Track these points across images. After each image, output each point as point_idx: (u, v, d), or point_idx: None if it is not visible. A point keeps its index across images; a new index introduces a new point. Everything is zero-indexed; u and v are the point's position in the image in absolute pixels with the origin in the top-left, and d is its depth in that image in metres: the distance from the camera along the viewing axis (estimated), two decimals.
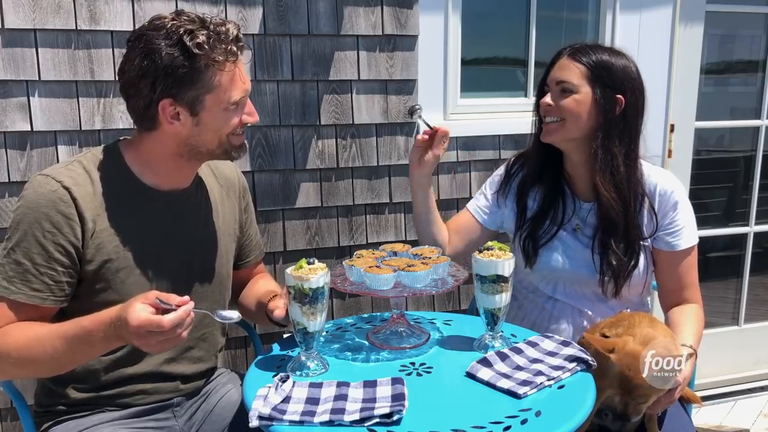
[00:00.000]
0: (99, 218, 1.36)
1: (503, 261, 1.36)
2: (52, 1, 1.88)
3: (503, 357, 1.35)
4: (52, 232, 1.30)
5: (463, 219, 1.87)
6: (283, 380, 1.23)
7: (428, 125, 1.68)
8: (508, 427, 1.11)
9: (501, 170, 1.88)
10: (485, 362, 1.32)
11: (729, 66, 3.08)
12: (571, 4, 2.65)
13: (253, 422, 1.12)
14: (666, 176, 1.70)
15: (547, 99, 1.66)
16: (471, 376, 1.29)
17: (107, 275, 1.37)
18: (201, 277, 1.51)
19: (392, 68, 2.27)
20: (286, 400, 1.19)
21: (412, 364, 1.38)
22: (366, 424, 1.11)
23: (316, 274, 1.26)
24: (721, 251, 3.26)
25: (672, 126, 2.75)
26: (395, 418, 1.12)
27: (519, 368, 1.32)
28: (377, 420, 1.11)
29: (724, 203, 3.30)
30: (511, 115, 2.51)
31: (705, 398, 2.92)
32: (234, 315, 1.30)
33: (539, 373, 1.28)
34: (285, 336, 1.52)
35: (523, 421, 1.13)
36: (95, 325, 1.22)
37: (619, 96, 1.61)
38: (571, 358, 1.34)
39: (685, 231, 1.66)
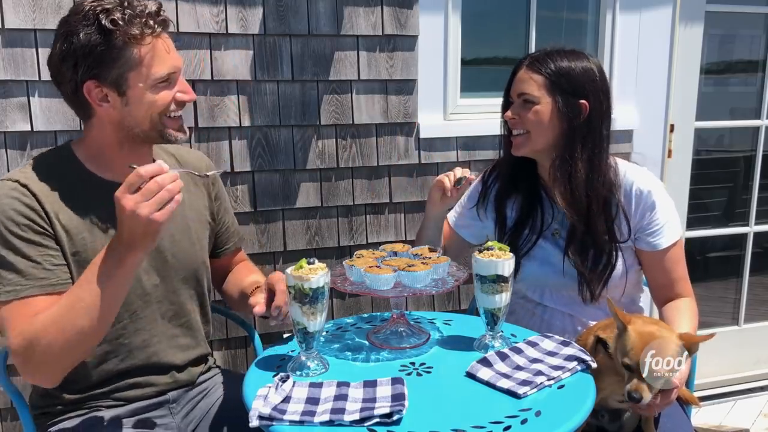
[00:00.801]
0: (60, 213, 1.35)
1: (503, 261, 1.36)
2: (52, 1, 1.88)
3: (503, 357, 1.35)
4: (27, 224, 1.30)
5: (449, 236, 1.89)
6: (283, 380, 1.23)
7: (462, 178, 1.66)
8: (508, 427, 1.11)
9: (477, 182, 1.88)
10: (485, 362, 1.32)
11: (729, 66, 3.08)
12: (571, 4, 2.65)
13: (253, 422, 1.13)
14: (642, 175, 1.67)
15: (509, 112, 1.66)
16: (471, 376, 1.29)
17: (82, 265, 1.34)
18: (175, 266, 1.50)
19: (392, 68, 2.27)
20: (286, 400, 1.19)
21: (412, 364, 1.38)
22: (366, 424, 1.11)
23: (316, 274, 1.26)
24: (721, 251, 3.26)
25: (672, 126, 2.75)
26: (395, 418, 1.12)
27: (519, 368, 1.32)
28: (377, 420, 1.11)
29: (724, 203, 3.30)
30: None
31: (705, 398, 2.93)
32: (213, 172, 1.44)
33: (539, 373, 1.28)
34: (285, 336, 1.51)
35: (523, 421, 1.13)
36: (102, 255, 1.21)
37: (582, 101, 1.60)
38: (571, 358, 1.34)
39: (666, 229, 1.63)
